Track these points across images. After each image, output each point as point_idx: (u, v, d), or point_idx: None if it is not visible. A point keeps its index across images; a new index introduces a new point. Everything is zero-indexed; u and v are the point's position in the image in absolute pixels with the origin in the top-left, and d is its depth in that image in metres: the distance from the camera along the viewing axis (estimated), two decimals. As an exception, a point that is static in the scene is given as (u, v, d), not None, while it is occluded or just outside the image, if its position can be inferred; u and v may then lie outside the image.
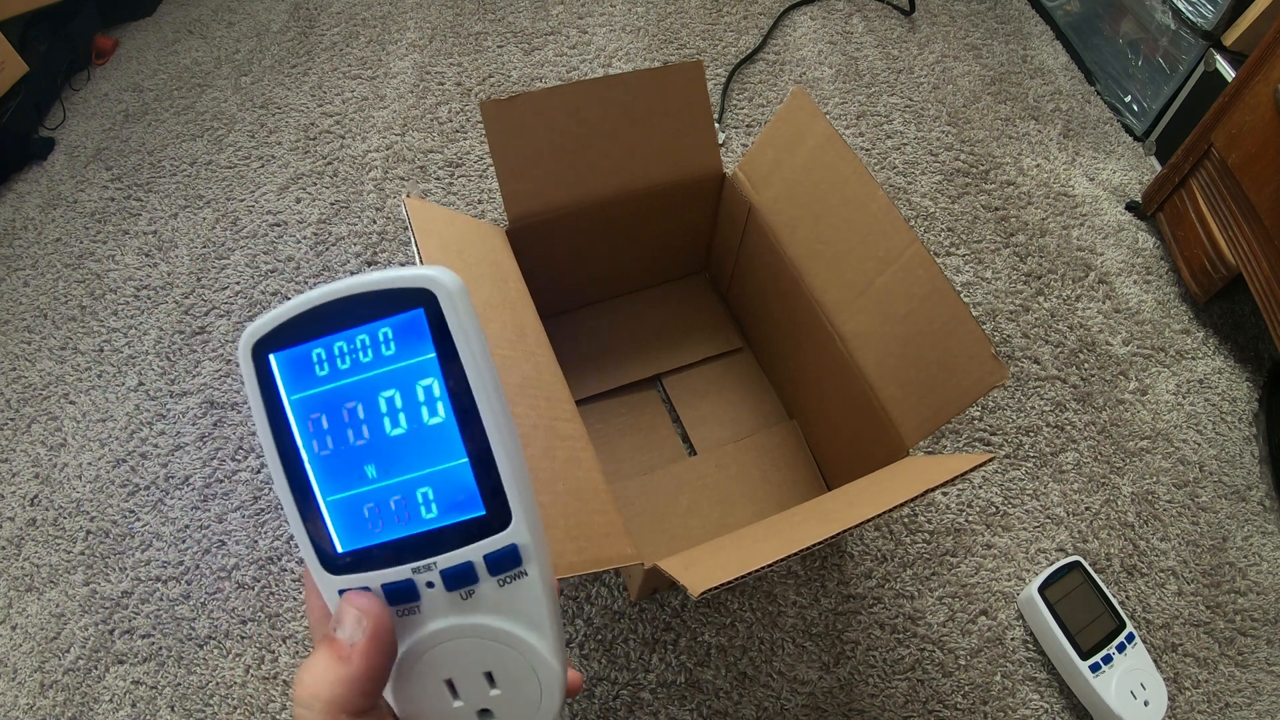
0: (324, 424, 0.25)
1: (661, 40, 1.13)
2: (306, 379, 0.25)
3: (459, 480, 0.25)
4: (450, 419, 0.25)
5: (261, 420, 0.25)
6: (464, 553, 0.25)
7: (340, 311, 0.24)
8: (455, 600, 0.26)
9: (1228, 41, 0.88)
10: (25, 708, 0.64)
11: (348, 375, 0.25)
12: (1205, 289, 0.86)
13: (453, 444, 0.25)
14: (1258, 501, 0.77)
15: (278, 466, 0.25)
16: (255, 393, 0.25)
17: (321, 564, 0.25)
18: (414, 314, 0.24)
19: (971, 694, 0.65)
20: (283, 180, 0.97)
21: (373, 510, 0.25)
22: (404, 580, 0.25)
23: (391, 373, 0.25)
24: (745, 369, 0.80)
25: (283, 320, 0.24)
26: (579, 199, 0.66)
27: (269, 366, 0.25)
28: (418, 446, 0.25)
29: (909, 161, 1.00)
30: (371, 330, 0.24)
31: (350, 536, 0.25)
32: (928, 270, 0.55)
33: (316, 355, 0.24)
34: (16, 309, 0.88)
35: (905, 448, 0.57)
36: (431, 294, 0.24)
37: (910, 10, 1.19)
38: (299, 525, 0.25)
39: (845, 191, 0.60)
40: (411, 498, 0.25)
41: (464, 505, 0.25)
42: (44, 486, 0.75)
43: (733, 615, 0.68)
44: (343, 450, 0.25)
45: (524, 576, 0.26)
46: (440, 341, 0.24)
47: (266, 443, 0.25)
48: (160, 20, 1.19)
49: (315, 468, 0.25)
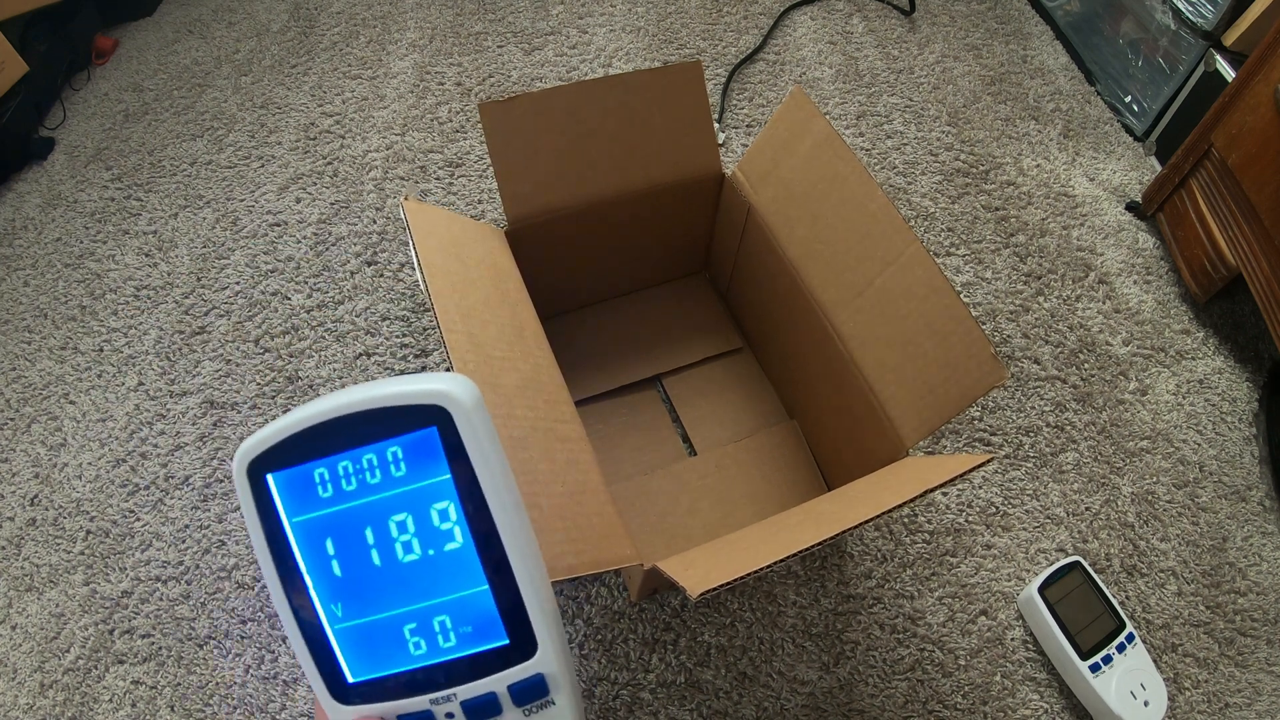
0: (329, 549, 0.23)
1: (662, 40, 1.13)
2: (309, 500, 0.23)
3: (479, 607, 0.23)
4: (469, 543, 0.23)
5: (260, 543, 0.23)
6: (487, 683, 0.24)
7: (344, 429, 0.22)
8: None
9: (1228, 42, 0.88)
10: (25, 707, 0.64)
11: (354, 498, 0.23)
12: (1205, 289, 0.86)
13: (472, 569, 0.23)
14: (1258, 502, 0.76)
15: (280, 592, 0.23)
16: (252, 514, 0.23)
17: (331, 693, 0.23)
18: (426, 433, 0.22)
19: (971, 694, 0.65)
20: (283, 180, 0.97)
21: (386, 639, 0.23)
22: (422, 712, 0.24)
23: (403, 495, 0.23)
24: (745, 369, 0.80)
25: (281, 438, 0.23)
26: (578, 200, 0.66)
27: (267, 487, 0.23)
28: (434, 572, 0.23)
29: (909, 161, 1.00)
30: (379, 450, 0.23)
31: (362, 666, 0.23)
32: (927, 270, 0.55)
33: (319, 475, 0.23)
34: (16, 309, 0.88)
35: (905, 448, 0.57)
36: (445, 411, 0.22)
37: (910, 10, 1.19)
38: (304, 653, 0.23)
39: (844, 191, 0.60)
40: (428, 626, 0.23)
41: (485, 633, 0.23)
42: (44, 486, 0.75)
43: (733, 615, 0.68)
44: (351, 576, 0.23)
45: (551, 706, 0.24)
46: (455, 461, 0.23)
47: (266, 567, 0.23)
48: (160, 20, 1.19)
49: (321, 594, 0.23)
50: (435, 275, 0.51)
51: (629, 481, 0.71)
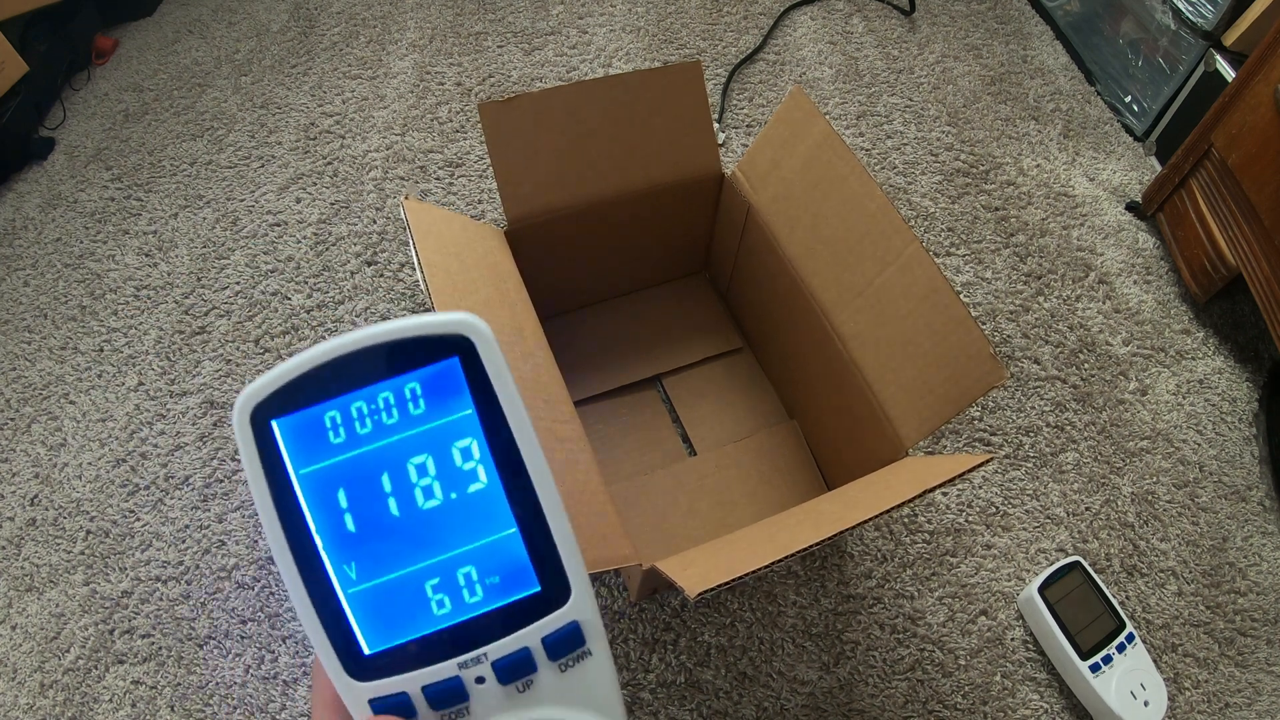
0: (341, 501, 0.21)
1: (661, 40, 1.13)
2: (318, 448, 0.21)
3: (508, 554, 0.21)
4: (495, 483, 0.21)
5: (264, 501, 0.21)
6: (519, 638, 0.22)
7: (358, 366, 0.20)
8: (511, 695, 0.22)
9: (1228, 42, 0.88)
10: (25, 707, 0.64)
11: (369, 441, 0.21)
12: (1205, 289, 0.86)
13: (499, 511, 0.21)
14: (1258, 502, 0.76)
15: (286, 557, 0.21)
16: (255, 468, 0.21)
17: (346, 669, 0.21)
18: (448, 364, 0.21)
19: (971, 694, 0.65)
20: (283, 180, 0.97)
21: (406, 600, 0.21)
22: (449, 679, 0.21)
23: (422, 434, 0.21)
24: (745, 369, 0.80)
25: (287, 380, 0.20)
26: (578, 200, 0.66)
27: (271, 436, 0.20)
28: (458, 519, 0.21)
29: (909, 161, 1.00)
30: (396, 386, 0.21)
31: (380, 634, 0.21)
32: (926, 270, 0.55)
33: (330, 419, 0.21)
34: (16, 309, 0.88)
35: (904, 448, 0.57)
36: (468, 340, 0.21)
37: (910, 10, 1.19)
38: (314, 625, 0.21)
39: (844, 191, 0.60)
40: (452, 580, 0.21)
41: (515, 582, 0.22)
42: (44, 486, 0.75)
43: (733, 615, 0.68)
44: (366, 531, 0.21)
45: (588, 657, 0.22)
46: (478, 394, 0.21)
47: (271, 530, 0.21)
48: (160, 20, 1.19)
49: (332, 555, 0.21)
50: (435, 275, 0.51)
51: (628, 482, 0.71)
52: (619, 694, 0.23)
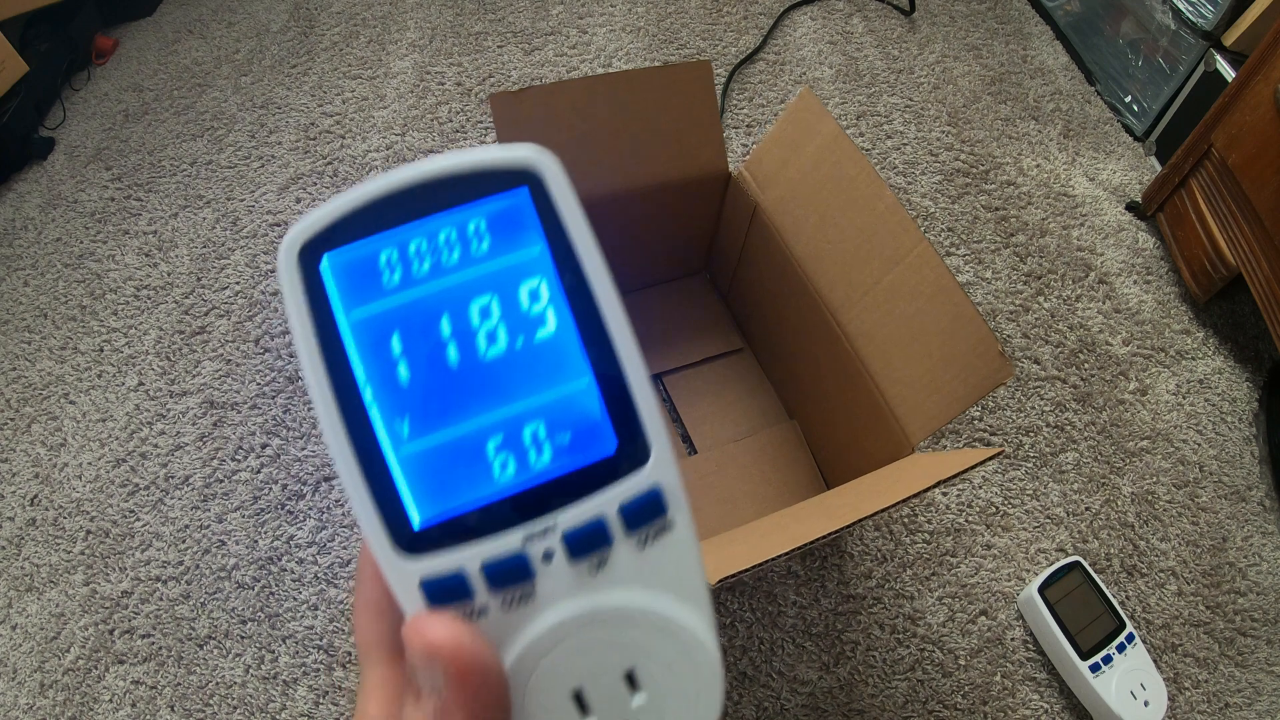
0: (394, 349, 0.18)
1: (662, 40, 1.13)
2: (371, 291, 0.18)
3: (581, 408, 0.19)
4: (569, 328, 0.19)
5: (309, 350, 0.18)
6: (593, 505, 0.19)
7: (415, 201, 0.18)
8: (582, 575, 0.19)
9: (1228, 42, 0.88)
10: (25, 707, 0.64)
11: (427, 282, 0.18)
12: (1205, 289, 0.86)
13: (571, 360, 0.19)
14: (1258, 502, 0.77)
15: (331, 414, 0.18)
16: (301, 312, 0.18)
17: (394, 545, 0.18)
18: (516, 196, 0.19)
19: (971, 694, 0.65)
20: (283, 180, 0.97)
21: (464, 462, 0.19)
22: (513, 555, 0.18)
23: (487, 275, 0.19)
24: (746, 369, 0.80)
25: (339, 215, 0.18)
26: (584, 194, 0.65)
27: (319, 276, 0.18)
28: (524, 368, 0.19)
29: (909, 161, 1.00)
30: (459, 221, 0.18)
31: (434, 501, 0.18)
32: (935, 269, 0.55)
33: (386, 259, 0.18)
34: (16, 309, 0.88)
35: (910, 446, 0.57)
36: (537, 172, 0.19)
37: (910, 10, 1.19)
38: (360, 492, 0.18)
39: (852, 191, 0.60)
40: (517, 439, 0.19)
41: (588, 441, 0.19)
42: (44, 486, 0.75)
43: (732, 615, 0.68)
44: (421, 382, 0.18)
45: (670, 531, 0.20)
46: (550, 230, 0.19)
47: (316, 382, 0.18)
48: (160, 20, 1.19)
49: (382, 410, 0.18)
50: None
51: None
52: (704, 577, 0.20)
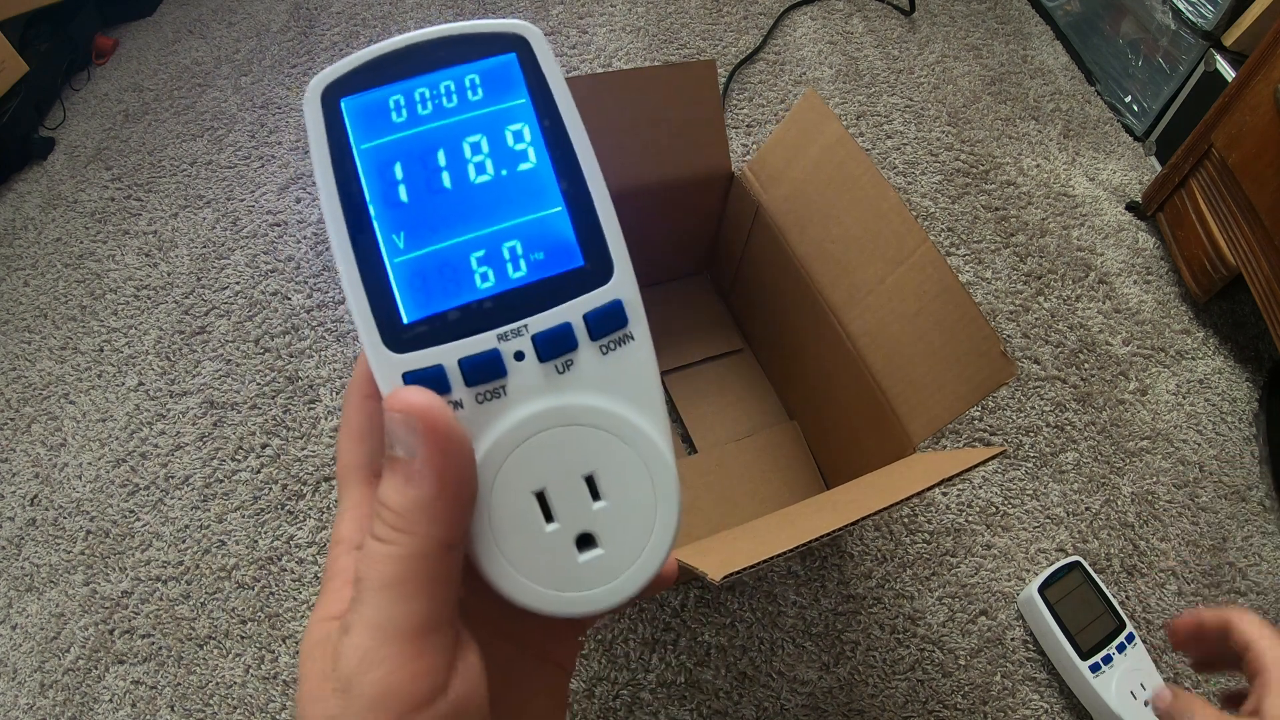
0: (396, 173, 0.22)
1: (662, 40, 1.13)
2: (381, 126, 0.22)
3: (554, 230, 0.22)
4: (545, 162, 0.22)
5: (325, 174, 0.21)
6: (562, 311, 0.22)
7: (423, 56, 0.22)
8: (550, 375, 0.21)
9: (1228, 41, 0.88)
10: (25, 707, 0.64)
11: (428, 121, 0.22)
12: (1205, 289, 0.86)
13: (547, 190, 0.22)
14: (1258, 502, 0.77)
15: (340, 228, 0.21)
16: (320, 143, 0.21)
17: (384, 340, 0.21)
18: (506, 58, 0.22)
19: (971, 694, 0.65)
20: (283, 180, 0.97)
21: (450, 270, 0.21)
22: (488, 351, 0.21)
23: (479, 118, 0.22)
24: (747, 370, 0.80)
25: (358, 64, 0.22)
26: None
27: (339, 114, 0.21)
28: (507, 194, 0.22)
29: (909, 161, 1.00)
30: (458, 75, 0.22)
31: (420, 302, 0.21)
32: (938, 269, 0.55)
33: (395, 102, 0.22)
34: (16, 309, 0.88)
35: (911, 446, 0.57)
36: (525, 39, 0.22)
37: (910, 10, 1.19)
38: (358, 293, 0.21)
39: (856, 191, 0.61)
40: (497, 253, 0.22)
41: (559, 257, 0.22)
42: (44, 486, 0.75)
43: (732, 615, 0.68)
44: (418, 201, 0.22)
45: (630, 341, 0.22)
46: (534, 87, 0.22)
47: (328, 201, 0.21)
48: (160, 20, 1.19)
49: (383, 224, 0.21)
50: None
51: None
52: (660, 387, 0.23)
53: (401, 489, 0.19)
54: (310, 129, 0.21)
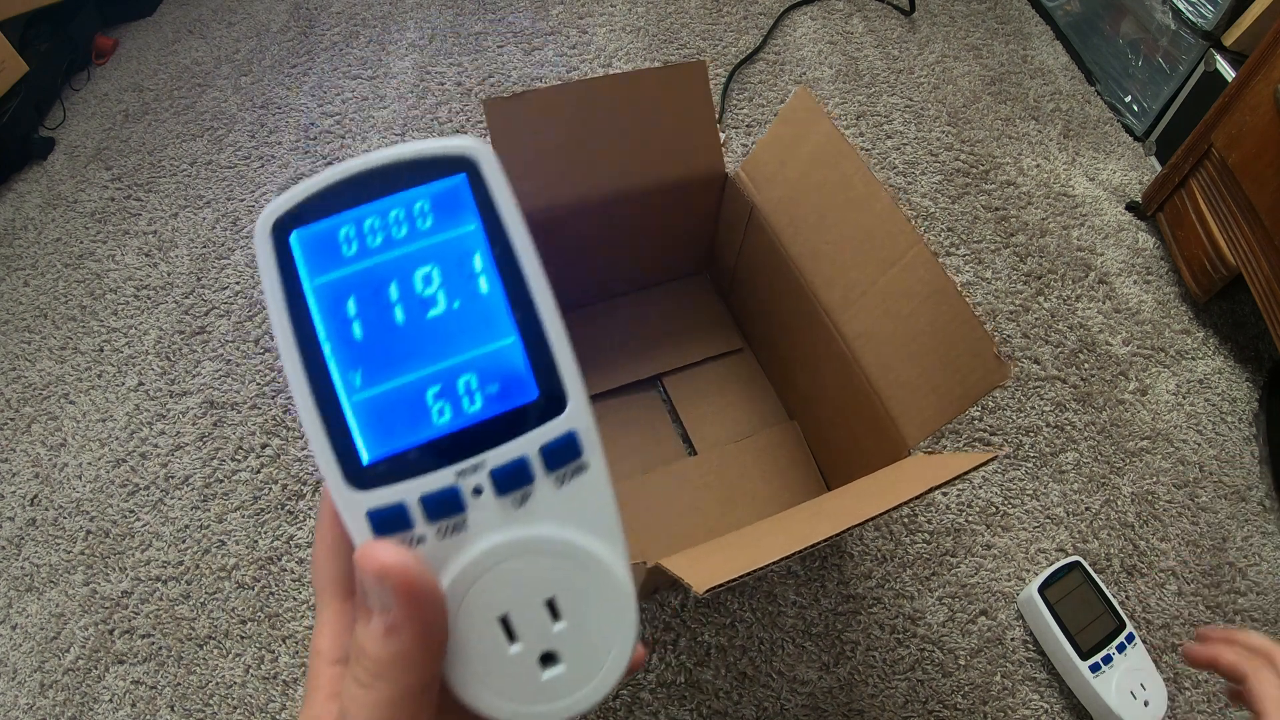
0: (350, 310, 0.21)
1: (662, 40, 1.13)
2: (332, 260, 0.21)
3: (507, 361, 0.22)
4: (498, 292, 0.22)
5: (279, 312, 0.21)
6: (517, 445, 0.22)
7: (371, 182, 0.22)
8: (507, 508, 0.22)
9: (1228, 41, 0.88)
10: (25, 707, 0.64)
11: (379, 253, 0.22)
12: (1205, 289, 0.86)
13: (500, 320, 0.22)
14: (1257, 502, 0.77)
15: (296, 367, 0.21)
16: (273, 279, 0.21)
17: (345, 478, 0.21)
18: (455, 181, 0.22)
19: (971, 694, 0.65)
20: (283, 180, 0.97)
21: (407, 407, 0.22)
22: (447, 488, 0.21)
23: (430, 247, 0.22)
24: (746, 369, 0.80)
25: (306, 195, 0.21)
26: (581, 198, 0.66)
27: (289, 248, 0.21)
28: (459, 327, 0.22)
29: (909, 161, 1.00)
30: (407, 201, 0.22)
31: (379, 441, 0.21)
32: (930, 270, 0.55)
33: (345, 234, 0.21)
34: (16, 309, 0.88)
35: (907, 447, 0.57)
36: (473, 160, 0.22)
37: (910, 10, 1.19)
38: (318, 433, 0.21)
39: (849, 192, 0.60)
40: (452, 387, 0.22)
41: (514, 390, 0.22)
42: (44, 486, 0.75)
43: (732, 615, 0.68)
44: (373, 338, 0.22)
45: (585, 471, 0.23)
46: (483, 211, 0.22)
47: (283, 339, 0.21)
48: (160, 20, 1.19)
49: (339, 362, 0.21)
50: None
51: (629, 481, 0.71)
52: (618, 514, 0.23)
53: (379, 640, 0.19)
54: (261, 264, 0.21)
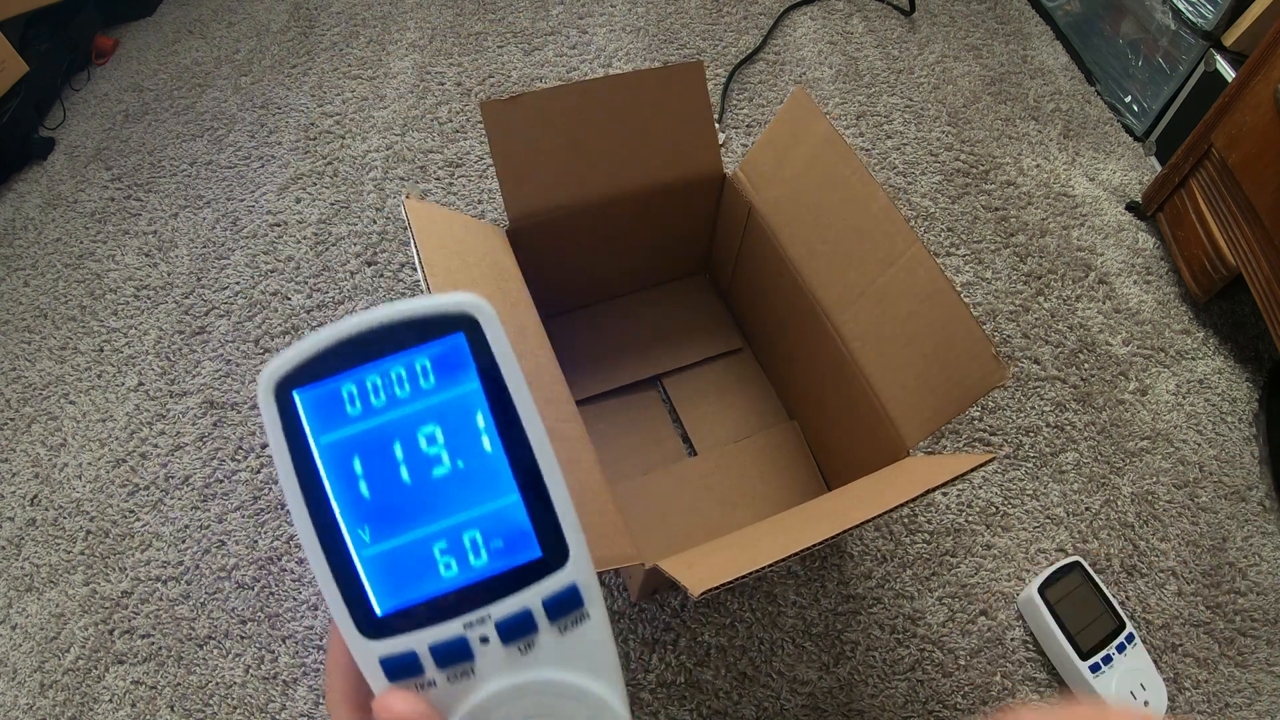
0: (356, 468, 0.22)
1: (662, 40, 1.13)
2: (336, 419, 0.22)
3: (511, 519, 0.23)
4: (499, 452, 0.23)
5: (286, 469, 0.22)
6: (521, 598, 0.23)
7: (372, 342, 0.22)
8: (513, 655, 0.23)
9: (1228, 41, 0.88)
10: (25, 708, 0.64)
11: (383, 412, 0.22)
12: (1205, 289, 0.86)
13: (503, 480, 0.23)
14: (1257, 502, 0.77)
15: (306, 522, 0.22)
16: (278, 438, 0.22)
17: (359, 629, 0.22)
18: (454, 340, 0.22)
19: (971, 694, 0.65)
20: (283, 180, 0.97)
21: (415, 562, 0.23)
22: (456, 639, 0.23)
23: (432, 406, 0.22)
24: (746, 369, 0.80)
25: (309, 355, 0.22)
26: (580, 199, 0.66)
27: (293, 407, 0.22)
28: (463, 486, 0.23)
29: (909, 162, 1.00)
30: (409, 360, 0.22)
31: (390, 595, 0.22)
32: (928, 270, 0.55)
33: (348, 392, 0.22)
34: (16, 309, 0.88)
35: (906, 448, 0.57)
36: (473, 318, 0.23)
37: (910, 10, 1.19)
38: (331, 587, 0.22)
39: (846, 192, 0.60)
40: (458, 544, 0.23)
41: (518, 546, 0.23)
42: (44, 486, 0.75)
43: (732, 615, 0.68)
44: (380, 496, 0.22)
45: (586, 620, 0.24)
46: (483, 369, 0.23)
47: (292, 495, 0.22)
48: (160, 20, 1.19)
49: (348, 519, 0.22)
50: (437, 274, 0.51)
51: (629, 481, 0.71)
52: (616, 658, 0.24)
53: None
54: (267, 422, 0.22)
